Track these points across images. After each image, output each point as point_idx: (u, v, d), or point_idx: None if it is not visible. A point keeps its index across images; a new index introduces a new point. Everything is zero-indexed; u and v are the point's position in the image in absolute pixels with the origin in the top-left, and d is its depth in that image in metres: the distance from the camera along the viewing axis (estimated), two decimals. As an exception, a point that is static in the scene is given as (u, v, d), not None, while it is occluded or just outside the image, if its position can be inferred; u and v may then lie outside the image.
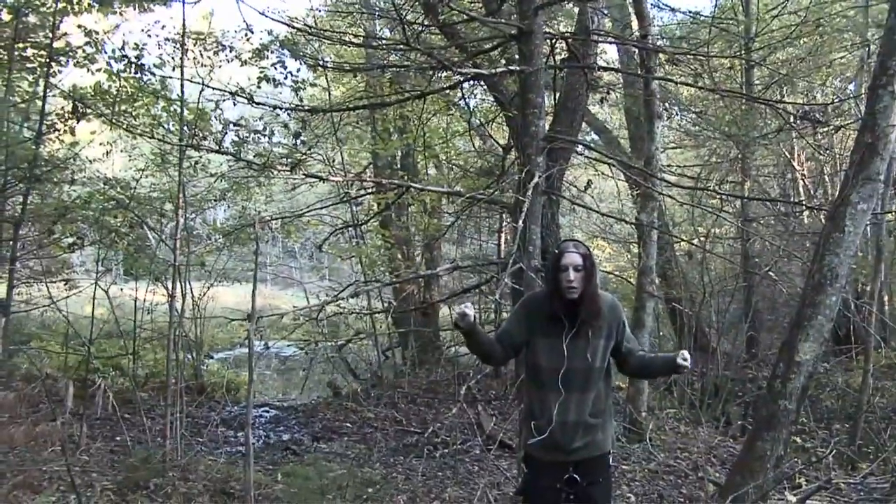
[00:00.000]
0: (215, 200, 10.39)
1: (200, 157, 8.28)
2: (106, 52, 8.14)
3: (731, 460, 7.47)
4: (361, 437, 9.19)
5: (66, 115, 8.39)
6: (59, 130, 8.64)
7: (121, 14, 9.15)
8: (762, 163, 14.40)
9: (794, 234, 12.27)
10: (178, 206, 7.09)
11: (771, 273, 11.22)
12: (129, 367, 9.58)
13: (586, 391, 3.67)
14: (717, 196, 11.68)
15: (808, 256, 8.68)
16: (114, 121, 7.95)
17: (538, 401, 3.75)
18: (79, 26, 8.49)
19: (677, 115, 13.49)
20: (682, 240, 12.03)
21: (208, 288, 11.76)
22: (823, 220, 6.52)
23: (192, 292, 10.49)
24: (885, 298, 12.55)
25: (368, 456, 8.21)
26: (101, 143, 10.23)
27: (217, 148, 7.35)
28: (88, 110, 8.12)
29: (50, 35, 8.72)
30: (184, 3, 7.24)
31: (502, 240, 13.46)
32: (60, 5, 8.45)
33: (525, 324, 3.81)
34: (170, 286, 7.13)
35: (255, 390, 11.97)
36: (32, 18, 8.76)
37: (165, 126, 7.73)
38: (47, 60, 8.60)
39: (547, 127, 8.58)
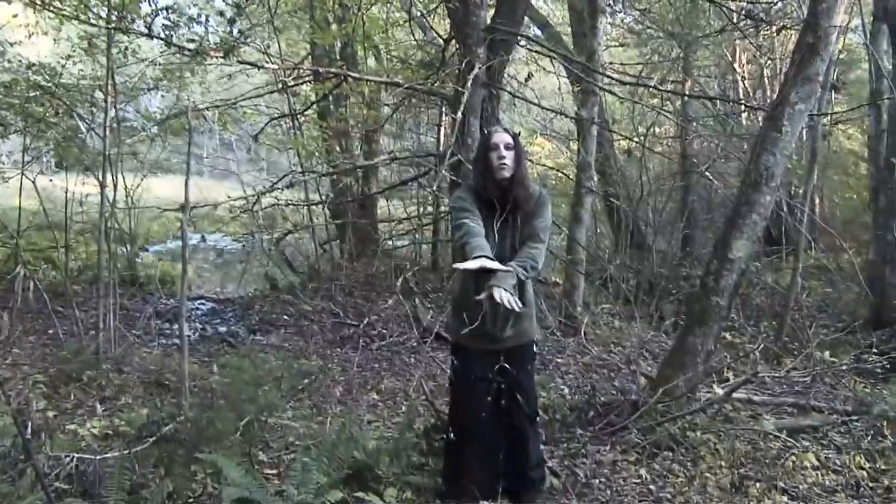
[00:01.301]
0: (147, 89, 10.01)
1: (130, 41, 7.92)
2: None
3: (664, 355, 7.70)
4: (298, 330, 9.21)
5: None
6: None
7: None
8: (704, 63, 14.41)
9: (732, 134, 12.40)
10: (107, 93, 6.81)
11: (708, 173, 11.38)
12: (61, 260, 9.38)
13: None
14: (658, 94, 11.70)
15: (746, 158, 8.79)
16: (37, 2, 7.53)
17: (471, 285, 3.68)
18: None
19: (621, 12, 13.34)
20: (622, 136, 12.08)
21: (142, 179, 11.46)
22: (762, 122, 6.57)
23: (125, 183, 10.19)
24: (817, 201, 12.88)
25: (305, 348, 8.25)
26: (21, 25, 9.70)
27: (147, 32, 7.02)
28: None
29: None
30: None
31: (442, 133, 13.33)
32: None
33: (469, 203, 3.75)
34: (101, 176, 6.91)
35: (191, 283, 11.89)
36: None
37: (92, 9, 7.34)
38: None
39: (488, 18, 8.40)
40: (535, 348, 4.05)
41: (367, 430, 5.13)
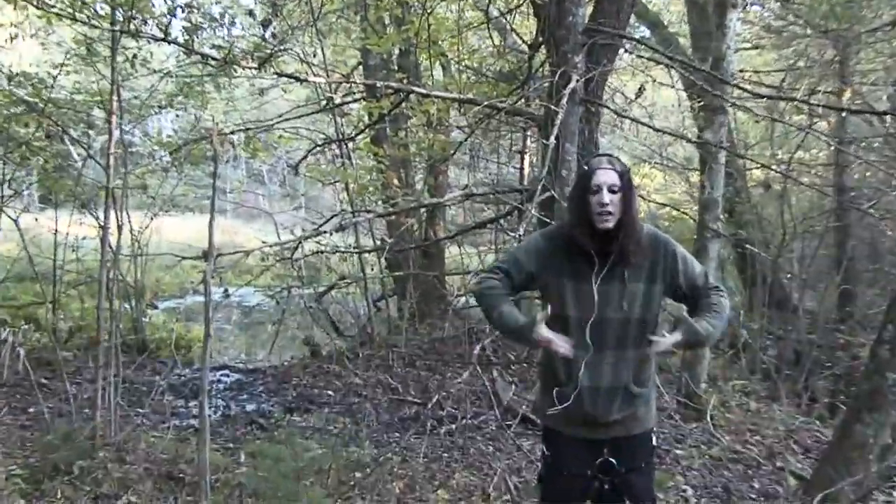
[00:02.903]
0: (160, 107, 10.26)
1: (140, 48, 8.07)
2: None
3: (818, 448, 7.47)
4: (347, 409, 9.20)
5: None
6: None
7: None
8: (867, 67, 14.16)
9: (906, 159, 12.10)
10: (110, 112, 6.91)
11: (873, 210, 11.11)
12: (48, 319, 9.54)
13: (624, 349, 3.59)
14: (806, 109, 11.51)
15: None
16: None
17: (564, 361, 3.64)
18: None
19: (756, 3, 13.26)
20: (759, 165, 11.89)
21: (152, 219, 11.68)
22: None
23: (130, 224, 10.38)
24: None
25: (356, 432, 8.22)
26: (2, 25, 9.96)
27: (163, 36, 7.17)
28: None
29: None
30: None
31: (526, 162, 13.34)
32: None
33: (540, 259, 3.73)
34: (101, 216, 7.00)
35: (212, 349, 12.01)
36: None
37: (92, 6, 7.49)
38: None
39: (587, 17, 8.42)
40: (652, 440, 3.93)
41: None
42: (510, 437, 7.56)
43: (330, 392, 9.89)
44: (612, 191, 3.53)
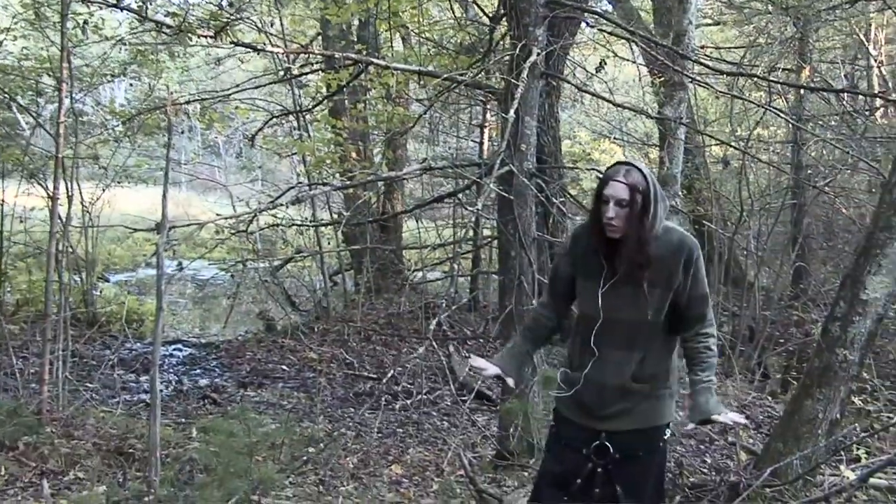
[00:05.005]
0: (112, 76, 10.11)
1: (91, 14, 7.94)
2: None
3: (770, 423, 7.54)
4: (301, 384, 9.20)
5: None
6: None
7: None
8: (826, 45, 14.24)
9: (863, 137, 12.17)
10: (60, 79, 6.82)
11: (829, 188, 11.20)
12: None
13: (632, 350, 3.60)
14: (766, 87, 11.56)
15: (883, 166, 8.63)
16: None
17: (577, 352, 3.75)
18: None
19: (717, -20, 13.28)
20: (718, 141, 11.94)
21: (104, 190, 11.53)
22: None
23: (81, 195, 10.25)
24: None
25: (310, 407, 8.21)
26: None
27: (115, 2, 7.04)
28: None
29: None
30: None
31: (486, 136, 13.31)
32: None
33: (570, 259, 3.80)
34: (50, 186, 6.90)
35: (165, 323, 11.91)
36: None
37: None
38: None
39: (549, -10, 8.37)
40: (661, 435, 3.78)
41: (388, 516, 5.05)
42: (465, 412, 7.57)
43: (284, 367, 9.86)
44: (619, 205, 3.46)
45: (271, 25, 11.78)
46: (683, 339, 3.68)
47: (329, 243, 12.91)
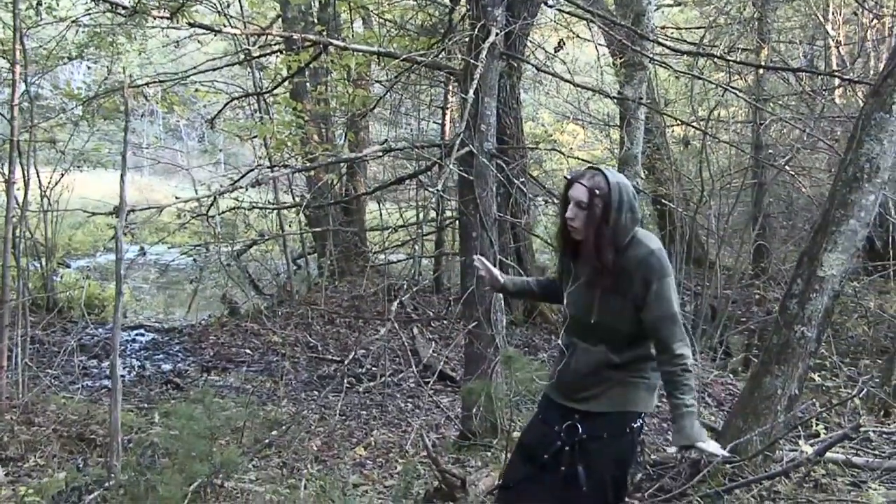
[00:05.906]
0: (69, 58, 9.99)
1: (45, -8, 7.88)
2: None
3: (731, 400, 7.61)
4: (265, 367, 9.19)
5: None
6: None
7: None
8: (785, 25, 14.31)
9: (822, 117, 12.25)
10: (14, 62, 6.74)
11: (788, 167, 11.27)
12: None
13: (598, 344, 3.70)
14: (725, 67, 11.61)
15: (841, 145, 8.68)
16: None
17: (563, 338, 3.91)
18: None
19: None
20: (678, 121, 11.98)
21: (62, 174, 11.39)
22: (863, 99, 6.49)
23: (39, 179, 10.14)
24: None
25: (273, 390, 8.19)
26: None
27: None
28: None
29: None
30: None
31: (448, 118, 13.29)
32: None
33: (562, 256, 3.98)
34: (6, 170, 6.83)
35: (127, 308, 11.84)
36: None
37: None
38: None
39: (508, -30, 8.36)
40: (629, 422, 3.78)
41: (352, 497, 5.05)
42: (428, 394, 7.59)
43: (248, 350, 9.84)
44: (578, 206, 3.56)
45: (229, 7, 11.70)
46: (659, 362, 3.64)
47: (291, 226, 12.87)
